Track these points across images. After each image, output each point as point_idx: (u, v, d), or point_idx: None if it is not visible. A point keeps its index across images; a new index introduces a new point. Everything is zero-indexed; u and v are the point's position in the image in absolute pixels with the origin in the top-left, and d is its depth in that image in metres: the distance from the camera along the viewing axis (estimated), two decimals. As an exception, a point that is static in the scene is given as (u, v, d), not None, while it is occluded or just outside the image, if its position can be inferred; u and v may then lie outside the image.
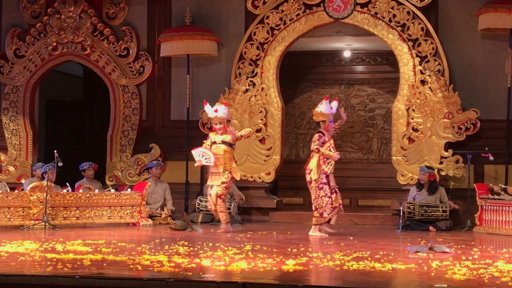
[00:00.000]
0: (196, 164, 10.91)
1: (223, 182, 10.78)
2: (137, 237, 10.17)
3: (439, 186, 11.81)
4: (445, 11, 12.56)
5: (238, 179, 11.27)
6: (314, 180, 10.33)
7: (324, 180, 10.37)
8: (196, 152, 10.87)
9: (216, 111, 10.89)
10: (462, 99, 12.19)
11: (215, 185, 10.83)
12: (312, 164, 10.40)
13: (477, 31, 12.14)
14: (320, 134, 10.47)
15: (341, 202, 10.55)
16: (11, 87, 14.08)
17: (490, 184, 11.52)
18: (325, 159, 10.37)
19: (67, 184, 11.86)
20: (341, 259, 7.26)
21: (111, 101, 13.78)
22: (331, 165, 10.39)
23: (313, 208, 10.42)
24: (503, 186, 11.31)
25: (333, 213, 10.46)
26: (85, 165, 12.65)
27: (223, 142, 10.82)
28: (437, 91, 12.24)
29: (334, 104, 10.63)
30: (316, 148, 10.34)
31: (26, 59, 14.00)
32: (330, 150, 10.36)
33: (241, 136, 10.98)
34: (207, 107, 11.09)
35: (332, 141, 10.47)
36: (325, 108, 10.47)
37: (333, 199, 10.41)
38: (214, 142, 10.87)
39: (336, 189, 10.55)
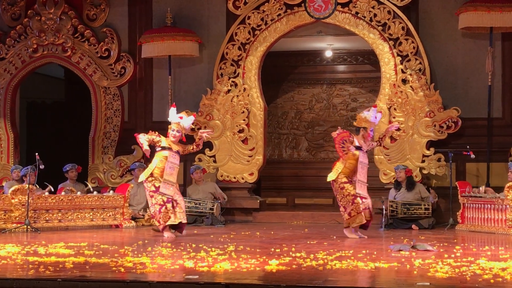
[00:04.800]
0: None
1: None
2: (120, 239, 10.13)
3: (416, 182, 11.85)
4: (425, 10, 12.62)
5: None
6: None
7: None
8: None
9: (181, 118, 10.05)
10: (443, 97, 12.25)
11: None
12: None
13: (458, 30, 12.20)
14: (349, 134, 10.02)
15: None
16: (-8, 89, 14.02)
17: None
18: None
19: (46, 183, 11.69)
20: (324, 259, 7.26)
21: (92, 103, 13.73)
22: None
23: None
24: (483, 188, 11.26)
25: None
26: (68, 167, 12.57)
27: (177, 152, 10.01)
28: (418, 90, 12.29)
29: (379, 115, 10.42)
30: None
31: (6, 61, 13.91)
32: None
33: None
34: (173, 111, 10.12)
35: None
36: (372, 115, 10.10)
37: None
38: (170, 149, 9.95)
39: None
